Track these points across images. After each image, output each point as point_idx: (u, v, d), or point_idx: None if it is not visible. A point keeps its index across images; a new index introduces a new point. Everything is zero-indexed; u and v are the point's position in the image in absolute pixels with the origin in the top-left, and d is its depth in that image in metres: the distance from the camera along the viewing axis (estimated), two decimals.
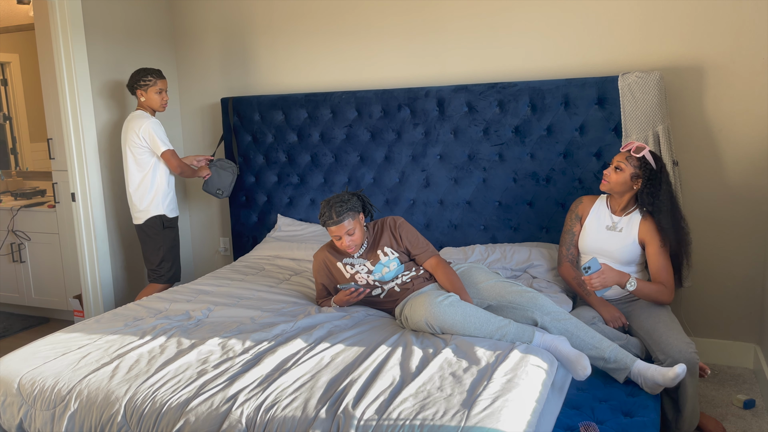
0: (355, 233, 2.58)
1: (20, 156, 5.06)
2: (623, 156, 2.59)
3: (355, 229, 2.57)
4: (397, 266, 2.64)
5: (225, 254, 4.31)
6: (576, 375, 2.13)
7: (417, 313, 2.34)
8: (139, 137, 3.38)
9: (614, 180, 2.58)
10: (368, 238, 2.70)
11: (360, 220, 2.62)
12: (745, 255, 3.11)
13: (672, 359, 2.32)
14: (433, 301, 2.32)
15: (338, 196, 2.58)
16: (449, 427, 1.69)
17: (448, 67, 3.53)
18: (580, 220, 2.73)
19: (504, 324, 2.26)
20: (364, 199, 2.69)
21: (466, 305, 2.33)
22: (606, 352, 2.26)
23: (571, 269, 2.68)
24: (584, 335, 2.30)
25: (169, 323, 2.55)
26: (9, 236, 4.32)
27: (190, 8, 4.11)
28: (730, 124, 3.04)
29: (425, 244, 2.71)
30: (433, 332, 2.32)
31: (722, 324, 3.21)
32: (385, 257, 2.64)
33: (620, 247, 2.59)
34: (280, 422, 1.80)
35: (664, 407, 2.44)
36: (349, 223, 2.55)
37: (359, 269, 2.66)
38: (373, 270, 2.64)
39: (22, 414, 2.11)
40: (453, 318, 2.27)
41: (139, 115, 3.43)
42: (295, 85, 3.92)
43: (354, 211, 2.57)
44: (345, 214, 2.53)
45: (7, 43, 4.85)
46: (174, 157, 3.45)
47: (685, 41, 3.05)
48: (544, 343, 2.19)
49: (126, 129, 3.45)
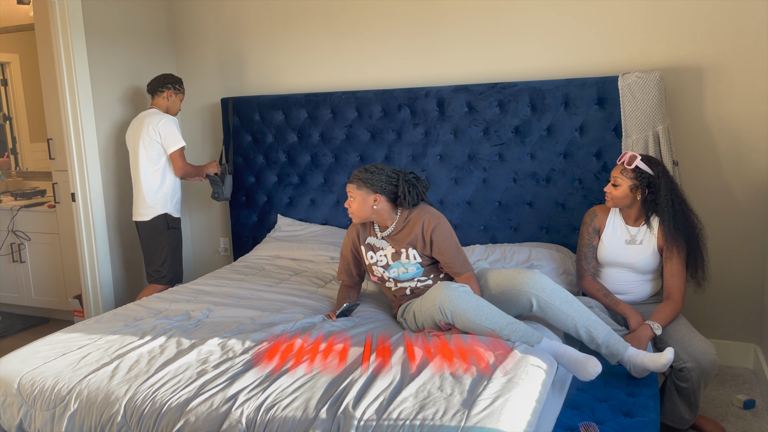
0: (353, 203, 2.52)
1: (20, 156, 5.06)
2: (618, 170, 2.58)
3: (355, 199, 2.51)
4: (416, 270, 2.56)
5: (225, 254, 4.31)
6: (587, 375, 2.09)
7: (430, 298, 2.34)
8: (156, 131, 3.41)
9: (615, 195, 2.58)
10: (396, 223, 2.56)
11: (368, 196, 2.50)
12: (745, 255, 3.11)
13: (695, 360, 2.36)
14: (449, 286, 2.32)
15: (376, 165, 2.52)
16: (449, 426, 1.69)
17: (448, 67, 3.53)
18: (599, 233, 2.71)
19: (514, 321, 2.24)
20: (401, 184, 2.51)
21: (480, 298, 2.32)
22: (600, 338, 2.27)
23: (593, 282, 2.66)
24: (578, 316, 2.30)
25: (169, 323, 2.55)
26: (9, 236, 4.32)
27: (190, 9, 4.11)
28: (730, 124, 3.04)
29: (458, 257, 2.51)
30: (444, 319, 2.31)
31: (722, 324, 3.21)
32: (407, 260, 2.55)
33: (641, 258, 2.59)
34: (280, 422, 1.80)
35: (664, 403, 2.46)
36: (353, 190, 2.51)
37: (378, 259, 2.60)
38: (392, 265, 2.58)
39: (22, 414, 2.11)
40: (466, 304, 2.25)
41: (156, 113, 3.47)
42: (295, 85, 3.92)
43: (369, 184, 2.49)
44: (357, 181, 2.50)
45: (7, 43, 4.85)
46: (182, 158, 3.47)
47: (685, 41, 3.05)
48: (551, 348, 2.18)
49: (139, 125, 3.46)
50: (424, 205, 2.59)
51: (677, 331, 2.46)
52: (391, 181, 2.51)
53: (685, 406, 2.45)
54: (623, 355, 2.27)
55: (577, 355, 2.13)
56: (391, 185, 2.52)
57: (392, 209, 2.56)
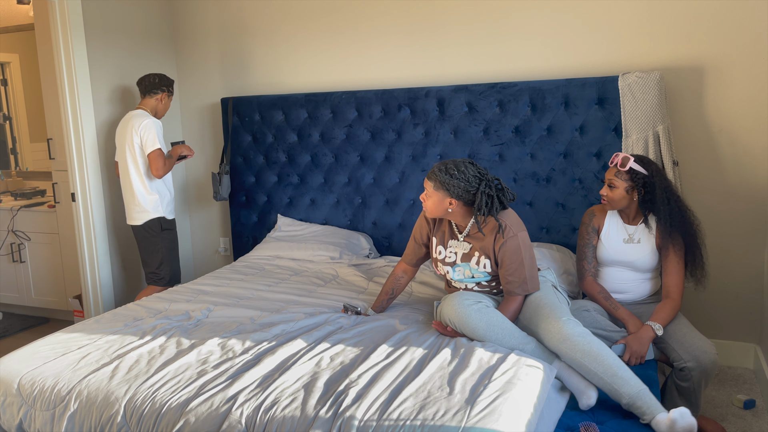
0: (428, 200, 2.41)
1: (20, 156, 5.06)
2: (612, 172, 2.57)
3: (431, 197, 2.40)
4: (483, 277, 2.48)
5: (225, 254, 4.31)
6: (581, 404, 2.10)
7: (445, 311, 2.36)
8: (137, 134, 3.37)
9: (612, 197, 2.57)
10: (471, 226, 2.44)
11: (444, 198, 2.37)
12: (745, 255, 3.11)
13: (695, 360, 2.37)
14: (462, 303, 2.30)
15: (457, 167, 2.35)
16: (450, 426, 1.69)
17: (448, 67, 3.53)
18: (597, 232, 2.70)
19: (526, 342, 2.23)
20: (480, 196, 2.33)
21: (493, 314, 2.28)
22: (625, 398, 2.06)
23: (594, 284, 2.65)
24: (603, 373, 2.08)
25: (168, 323, 2.55)
26: (9, 236, 4.32)
27: (190, 8, 4.11)
28: (730, 124, 3.04)
29: (517, 276, 2.36)
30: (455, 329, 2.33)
31: (722, 324, 3.21)
32: (476, 266, 2.45)
33: (640, 257, 2.59)
34: (279, 422, 1.80)
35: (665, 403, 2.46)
36: (429, 187, 2.39)
37: (447, 256, 2.52)
38: (459, 264, 2.49)
39: (21, 414, 2.11)
40: (476, 324, 2.24)
41: (141, 114, 3.42)
42: (295, 85, 3.92)
43: (446, 188, 2.35)
44: (435, 181, 2.37)
45: (7, 43, 4.85)
46: (160, 159, 3.36)
47: (685, 41, 3.05)
48: (559, 370, 2.16)
49: (125, 127, 3.43)
50: (508, 211, 2.43)
51: (678, 331, 2.46)
52: (469, 189, 2.35)
53: (686, 405, 2.45)
54: (655, 417, 2.00)
55: (577, 383, 2.12)
56: (469, 194, 2.36)
57: (468, 212, 2.43)
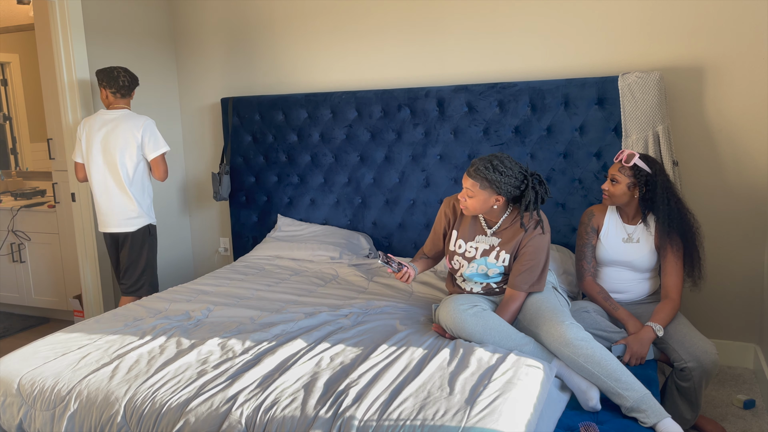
0: (470, 199, 2.36)
1: (20, 156, 5.06)
2: (616, 168, 2.57)
3: (475, 197, 2.34)
4: (496, 274, 2.45)
5: (225, 254, 4.31)
6: (584, 405, 2.09)
7: (441, 316, 2.35)
8: (137, 135, 3.22)
9: (614, 193, 2.57)
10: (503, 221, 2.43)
11: (490, 196, 2.33)
12: (745, 255, 3.11)
13: (696, 360, 2.36)
14: (458, 308, 2.29)
15: (503, 162, 2.31)
16: (450, 426, 1.69)
17: (448, 67, 3.53)
18: (596, 232, 2.70)
19: (524, 342, 2.22)
20: (528, 193, 2.32)
21: (489, 317, 2.27)
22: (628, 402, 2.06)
23: (594, 284, 2.65)
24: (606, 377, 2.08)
25: (168, 323, 2.55)
26: (9, 236, 4.32)
27: (190, 8, 4.11)
28: (730, 124, 3.04)
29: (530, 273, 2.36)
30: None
31: (722, 324, 3.21)
32: (494, 260, 2.42)
33: (639, 256, 2.59)
34: (279, 423, 1.80)
35: (666, 404, 2.46)
36: (474, 188, 2.33)
37: (467, 250, 2.47)
38: (477, 260, 2.45)
39: (21, 414, 2.11)
40: (473, 329, 2.24)
41: (133, 115, 3.27)
42: (295, 85, 3.92)
43: (495, 186, 2.30)
44: (482, 180, 2.31)
45: (7, 43, 4.85)
46: (165, 162, 3.31)
47: (685, 41, 3.05)
48: (559, 369, 2.16)
49: (118, 128, 3.22)
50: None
51: (678, 331, 2.46)
52: (518, 185, 2.33)
53: (686, 405, 2.45)
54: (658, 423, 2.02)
55: (579, 382, 2.12)
56: (518, 189, 2.34)
57: (506, 207, 2.43)
